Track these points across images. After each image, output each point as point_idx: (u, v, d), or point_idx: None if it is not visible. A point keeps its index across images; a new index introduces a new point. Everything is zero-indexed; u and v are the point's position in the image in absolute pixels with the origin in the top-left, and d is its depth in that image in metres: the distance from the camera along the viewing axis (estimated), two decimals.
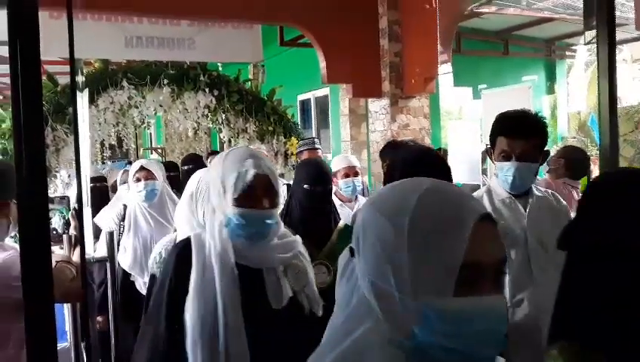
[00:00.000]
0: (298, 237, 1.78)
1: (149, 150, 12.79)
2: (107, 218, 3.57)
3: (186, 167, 4.47)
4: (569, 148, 4.20)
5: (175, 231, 3.11)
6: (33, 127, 1.24)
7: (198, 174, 2.14)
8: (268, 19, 5.68)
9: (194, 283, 1.59)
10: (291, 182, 4.21)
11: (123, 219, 3.32)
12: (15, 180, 1.23)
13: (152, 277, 2.17)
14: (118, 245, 3.18)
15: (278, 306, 1.64)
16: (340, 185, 3.49)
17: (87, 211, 2.99)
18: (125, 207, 3.35)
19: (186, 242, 1.70)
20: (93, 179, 4.32)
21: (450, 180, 1.71)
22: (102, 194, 4.26)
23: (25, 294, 1.24)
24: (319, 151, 4.42)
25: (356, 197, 3.54)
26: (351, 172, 3.46)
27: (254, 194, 1.63)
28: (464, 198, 0.84)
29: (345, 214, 3.14)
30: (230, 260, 1.61)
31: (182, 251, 1.68)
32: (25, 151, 1.23)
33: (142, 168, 3.28)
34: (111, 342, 2.63)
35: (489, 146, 2.15)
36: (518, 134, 2.02)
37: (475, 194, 2.19)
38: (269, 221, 1.66)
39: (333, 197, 2.83)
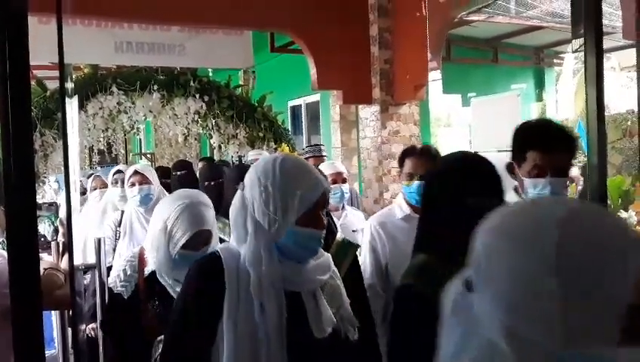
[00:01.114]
0: (328, 255, 1.62)
1: (138, 155, 12.72)
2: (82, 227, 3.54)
3: (178, 173, 4.43)
4: None
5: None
6: (22, 133, 1.23)
7: (167, 204, 1.97)
8: (258, 25, 5.69)
9: (230, 306, 1.42)
10: None
11: (119, 225, 3.27)
12: (3, 187, 1.23)
13: (118, 296, 2.04)
14: (114, 250, 3.16)
15: (320, 335, 1.49)
16: None
17: (76, 218, 2.96)
18: (122, 212, 3.30)
19: (214, 257, 1.50)
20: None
21: (502, 195, 1.53)
22: None
23: (13, 301, 1.23)
24: (325, 158, 4.31)
25: (343, 205, 3.42)
26: (338, 178, 3.39)
27: (316, 212, 1.48)
28: (621, 224, 0.70)
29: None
30: (280, 284, 1.44)
31: (211, 268, 1.48)
32: (13, 158, 1.22)
33: (136, 173, 3.23)
34: (99, 350, 2.61)
35: (511, 161, 1.96)
36: (555, 148, 1.87)
37: None
38: (321, 241, 1.51)
39: None
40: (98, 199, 3.96)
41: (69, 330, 2.70)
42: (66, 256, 2.28)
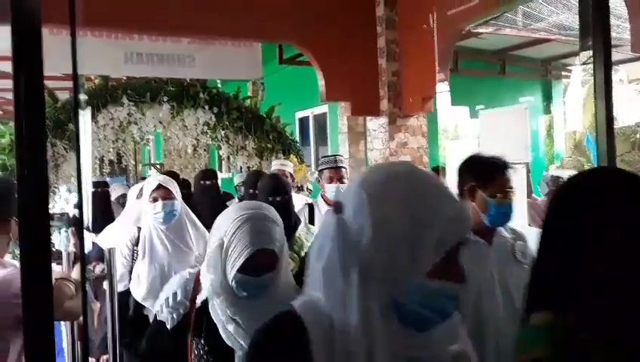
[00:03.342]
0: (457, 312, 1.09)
1: (147, 166, 12.80)
2: (111, 238, 3.45)
3: (208, 182, 4.21)
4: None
5: (196, 258, 2.83)
6: (35, 144, 1.25)
7: (227, 217, 1.62)
8: (267, 37, 5.73)
9: None
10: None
11: (137, 244, 2.94)
12: (16, 198, 1.24)
13: (160, 324, 1.74)
14: (130, 272, 2.91)
15: None
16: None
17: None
18: (139, 229, 2.98)
19: (292, 317, 1.00)
20: (95, 184, 4.11)
21: None
22: (103, 199, 4.17)
23: (24, 311, 1.23)
24: (343, 169, 3.97)
25: None
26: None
27: (456, 258, 1.00)
28: None
29: None
30: None
31: (291, 337, 0.99)
32: (27, 168, 1.23)
33: (159, 187, 2.91)
34: None
35: None
36: None
37: None
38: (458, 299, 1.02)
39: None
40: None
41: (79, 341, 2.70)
42: (77, 267, 2.28)
